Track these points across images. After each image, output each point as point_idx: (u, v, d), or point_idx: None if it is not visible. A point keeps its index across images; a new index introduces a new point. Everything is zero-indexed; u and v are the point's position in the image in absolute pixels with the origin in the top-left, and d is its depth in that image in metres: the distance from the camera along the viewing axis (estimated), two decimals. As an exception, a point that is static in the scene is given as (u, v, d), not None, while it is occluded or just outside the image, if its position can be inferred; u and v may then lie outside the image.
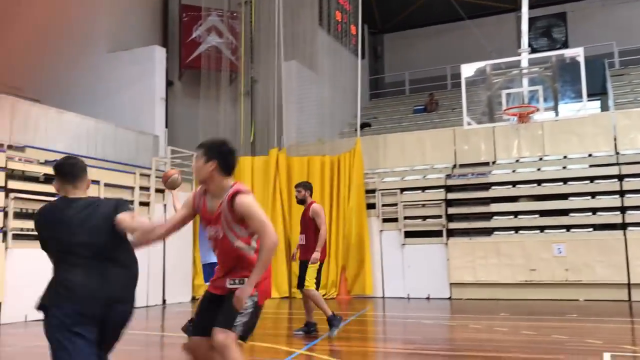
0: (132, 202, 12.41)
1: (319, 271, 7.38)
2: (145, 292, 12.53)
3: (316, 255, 7.25)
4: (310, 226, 7.53)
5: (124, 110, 15.04)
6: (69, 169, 3.75)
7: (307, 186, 7.90)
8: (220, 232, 3.57)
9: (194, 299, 13.98)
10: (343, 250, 13.78)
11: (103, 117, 13.99)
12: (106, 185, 11.76)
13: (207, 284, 6.40)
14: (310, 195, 7.80)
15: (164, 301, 13.06)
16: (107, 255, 3.35)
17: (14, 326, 8.75)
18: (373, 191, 14.03)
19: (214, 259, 5.12)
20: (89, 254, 3.29)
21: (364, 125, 16.06)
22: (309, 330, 7.48)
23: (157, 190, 13.25)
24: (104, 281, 3.29)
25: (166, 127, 15.79)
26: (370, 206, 13.99)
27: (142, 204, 12.66)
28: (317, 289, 7.39)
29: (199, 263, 14.22)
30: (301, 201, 7.82)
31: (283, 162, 14.62)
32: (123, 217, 3.38)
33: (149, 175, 13.07)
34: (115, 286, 3.36)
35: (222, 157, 3.61)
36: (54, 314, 3.17)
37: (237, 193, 3.52)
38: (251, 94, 16.63)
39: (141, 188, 12.68)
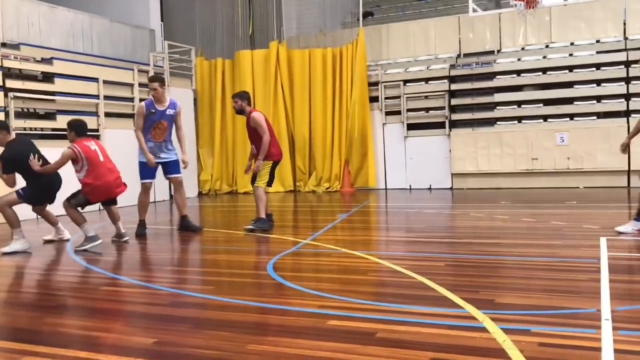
0: (132, 99, 12.31)
1: (271, 172, 7.52)
2: (153, 188, 12.71)
3: (257, 163, 7.40)
4: (256, 135, 7.46)
5: (119, 4, 14.52)
6: None
7: (243, 96, 7.64)
8: None
9: (200, 194, 14.24)
10: (346, 144, 13.81)
11: (97, 12, 13.53)
12: (105, 82, 11.61)
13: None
14: (249, 104, 7.61)
15: (171, 196, 13.30)
16: None
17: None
18: (376, 84, 13.83)
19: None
20: None
21: (366, 15, 15.51)
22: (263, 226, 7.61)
23: (157, 87, 13.05)
24: None
25: (162, 20, 15.30)
26: (373, 99, 13.85)
27: (142, 100, 12.51)
28: (270, 186, 7.69)
29: (204, 159, 14.36)
30: (239, 111, 7.64)
31: (284, 56, 14.30)
32: None
33: (147, 72, 12.84)
34: None
35: None
36: None
37: None
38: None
39: (140, 84, 12.51)
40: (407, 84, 13.61)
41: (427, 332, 3.20)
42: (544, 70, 12.62)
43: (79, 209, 6.60)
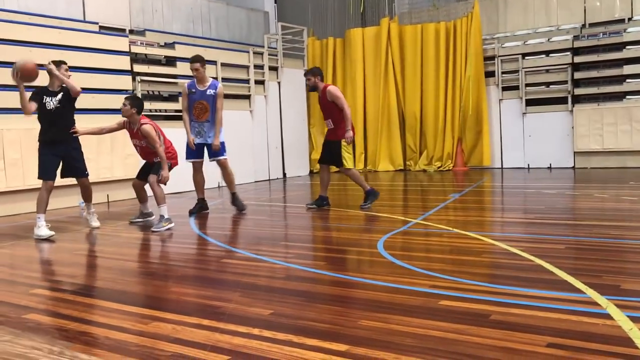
0: (247, 81, 12.72)
1: (342, 150, 7.48)
2: (267, 167, 13.18)
3: (349, 134, 7.33)
4: (333, 109, 7.43)
5: (234, -12, 14.99)
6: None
7: (315, 72, 7.59)
8: None
9: (311, 172, 14.52)
10: (459, 122, 13.45)
11: (214, -3, 14.07)
12: (222, 64, 12.08)
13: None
14: (322, 80, 7.58)
15: (284, 175, 13.69)
16: None
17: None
18: (492, 58, 13.30)
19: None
20: None
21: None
22: (322, 204, 7.76)
23: (271, 68, 13.43)
24: None
25: (275, 2, 15.62)
26: (489, 74, 13.35)
27: (257, 82, 12.93)
28: (354, 165, 7.74)
29: (316, 138, 14.59)
30: (313, 88, 7.62)
31: (395, 32, 14.12)
32: None
33: (262, 54, 13.20)
34: None
35: None
36: None
37: None
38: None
39: (255, 66, 12.89)
40: (526, 58, 12.96)
41: (545, 316, 3.07)
42: (682, 39, 11.49)
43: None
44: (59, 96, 6.50)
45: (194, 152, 7.62)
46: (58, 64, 6.62)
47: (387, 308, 3.33)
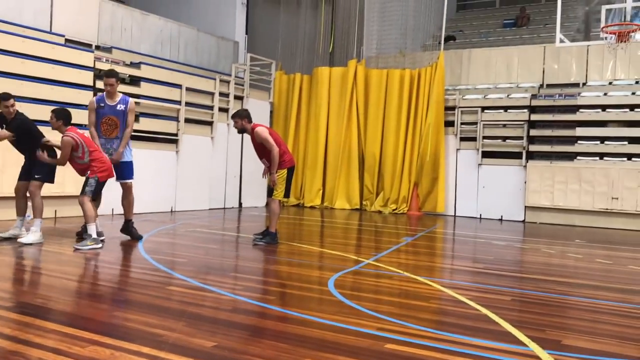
0: (211, 107, 12.69)
1: (287, 180, 7.44)
2: (223, 195, 13.06)
3: (273, 177, 7.33)
4: (264, 149, 7.36)
5: (206, 15, 15.08)
6: None
7: (241, 115, 7.46)
8: None
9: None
10: (417, 167, 13.68)
11: (185, 21, 14.11)
12: (187, 89, 12.03)
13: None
14: (249, 121, 7.42)
15: (240, 204, 13.59)
16: None
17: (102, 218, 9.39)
18: (453, 108, 13.66)
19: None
20: None
21: (448, 39, 15.39)
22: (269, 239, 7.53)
23: (236, 97, 13.45)
24: None
25: (246, 33, 15.75)
26: (449, 124, 13.68)
27: (221, 109, 12.91)
28: (287, 196, 7.64)
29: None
30: (241, 130, 7.52)
31: (361, 74, 14.38)
32: None
33: (228, 82, 13.22)
34: None
35: None
36: None
37: None
38: (333, 0, 16.17)
39: (221, 94, 12.89)
40: (485, 111, 13.36)
41: (488, 367, 3.10)
42: (632, 107, 12.08)
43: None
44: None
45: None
46: (6, 97, 6.62)
47: (333, 348, 3.30)
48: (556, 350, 3.39)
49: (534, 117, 12.89)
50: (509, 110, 13.17)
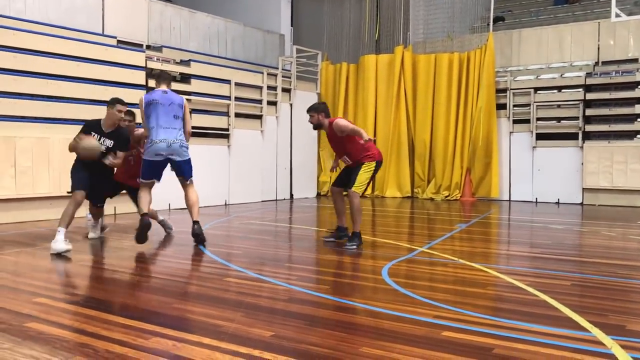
0: (260, 101, 12.82)
1: (373, 175, 6.69)
2: (274, 187, 13.21)
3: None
4: (346, 142, 6.59)
5: (252, 10, 15.22)
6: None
7: (318, 108, 6.74)
8: None
9: (318, 194, 14.52)
10: (469, 152, 13.46)
11: (231, 17, 14.27)
12: (236, 84, 12.19)
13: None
14: (327, 116, 6.73)
15: (291, 196, 13.71)
16: None
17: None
18: (504, 90, 13.35)
19: None
20: None
21: (497, 20, 15.01)
22: (340, 236, 6.98)
23: (284, 90, 13.54)
24: None
25: (291, 26, 15.81)
26: (501, 106, 13.39)
27: (269, 103, 13.03)
28: (362, 195, 6.77)
29: (325, 161, 14.62)
30: (317, 126, 6.79)
31: (409, 60, 14.23)
32: None
33: (276, 75, 13.32)
34: None
35: None
36: None
37: None
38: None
39: (269, 87, 13.00)
40: (538, 92, 13.00)
41: (548, 353, 3.04)
42: (696, 81, 11.52)
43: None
44: (110, 142, 6.50)
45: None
46: (113, 103, 6.52)
47: (390, 336, 3.31)
48: (620, 335, 3.30)
49: (590, 96, 12.46)
50: (563, 91, 12.78)
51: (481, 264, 5.53)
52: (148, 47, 11.65)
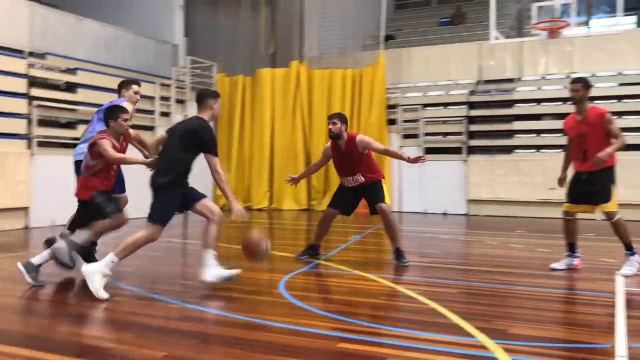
0: (152, 112, 12.45)
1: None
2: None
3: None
4: (362, 159, 6.38)
5: (143, 18, 14.77)
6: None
7: (343, 118, 6.54)
8: None
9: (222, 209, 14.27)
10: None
11: (122, 25, 13.77)
12: (127, 94, 11.73)
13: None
14: (346, 129, 6.51)
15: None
16: None
17: (41, 230, 9.07)
18: (395, 106, 13.87)
19: None
20: None
21: (387, 38, 15.62)
22: (314, 254, 6.84)
23: (178, 101, 13.25)
24: None
25: (185, 36, 15.53)
26: (391, 122, 13.88)
27: (162, 114, 12.68)
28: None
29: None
30: (337, 136, 6.42)
31: (304, 75, 14.42)
32: None
33: (169, 85, 13.01)
34: None
35: None
36: None
37: None
38: (273, 2, 16.14)
39: (161, 98, 12.66)
40: (426, 108, 13.63)
41: (438, 359, 3.16)
42: (565, 100, 12.58)
43: None
44: None
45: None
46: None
47: (286, 351, 3.30)
48: (503, 339, 3.50)
49: (473, 112, 13.25)
50: (448, 107, 13.49)
51: (374, 274, 5.67)
52: (31, 53, 10.97)
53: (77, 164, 5.55)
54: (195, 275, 6.03)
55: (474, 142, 13.22)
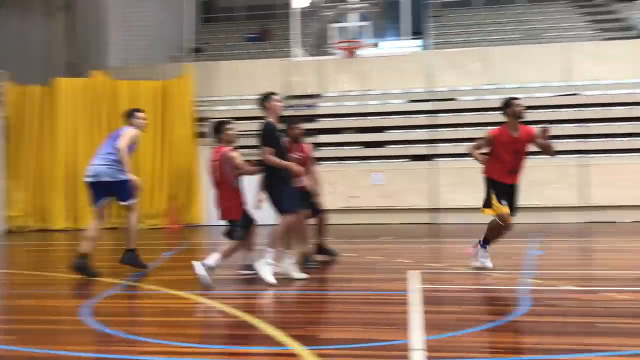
0: None
1: None
2: None
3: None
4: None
5: None
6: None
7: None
8: None
9: (9, 232, 12.85)
10: (172, 180, 13.49)
11: None
12: None
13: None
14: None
15: None
16: None
17: None
18: (205, 119, 13.76)
19: None
20: None
21: (197, 50, 15.49)
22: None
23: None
24: None
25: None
26: (202, 135, 13.75)
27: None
28: None
29: (11, 192, 12.98)
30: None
31: (108, 86, 13.66)
32: None
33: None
34: None
35: None
36: None
37: None
38: (69, 7, 15.06)
39: None
40: (238, 122, 13.73)
41: (253, 372, 3.20)
42: (363, 115, 13.59)
43: None
44: None
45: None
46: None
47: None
48: (315, 345, 3.64)
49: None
50: (255, 121, 13.71)
51: (188, 292, 5.55)
52: None
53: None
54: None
55: (281, 155, 13.62)
